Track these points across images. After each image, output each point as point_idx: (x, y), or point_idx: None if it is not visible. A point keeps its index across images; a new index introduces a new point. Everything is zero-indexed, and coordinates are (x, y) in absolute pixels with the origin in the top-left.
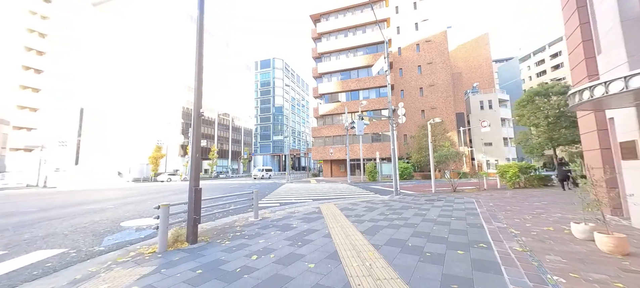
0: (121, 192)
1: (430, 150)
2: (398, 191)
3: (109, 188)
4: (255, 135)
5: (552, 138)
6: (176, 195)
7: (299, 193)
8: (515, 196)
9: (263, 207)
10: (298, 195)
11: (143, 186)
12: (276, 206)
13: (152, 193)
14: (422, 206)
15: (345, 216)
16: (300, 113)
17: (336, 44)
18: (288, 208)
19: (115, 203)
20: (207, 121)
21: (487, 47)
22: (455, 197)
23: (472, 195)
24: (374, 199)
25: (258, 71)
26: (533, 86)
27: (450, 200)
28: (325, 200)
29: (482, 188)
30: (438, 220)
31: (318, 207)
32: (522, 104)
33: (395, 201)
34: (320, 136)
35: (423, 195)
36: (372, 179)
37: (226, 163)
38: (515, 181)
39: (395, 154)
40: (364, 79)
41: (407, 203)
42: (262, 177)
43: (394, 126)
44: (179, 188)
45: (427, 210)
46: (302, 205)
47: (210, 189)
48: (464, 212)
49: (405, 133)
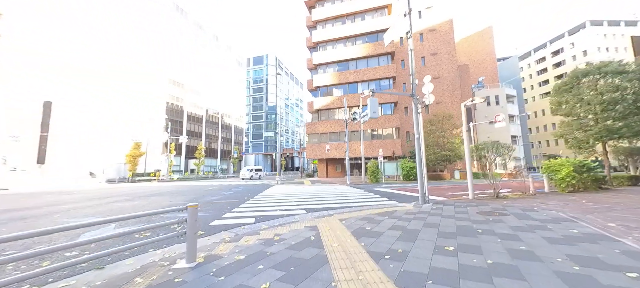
0: (80, 195)
1: (465, 142)
2: (427, 197)
3: (71, 191)
4: (246, 134)
5: (613, 128)
6: (132, 201)
7: (290, 198)
8: (598, 202)
9: (228, 225)
10: (287, 202)
11: (114, 189)
12: (249, 223)
13: (106, 198)
14: (485, 226)
15: (368, 252)
16: (294, 111)
17: (333, 32)
18: (266, 228)
19: (52, 209)
20: (195, 118)
21: (490, 41)
22: (513, 206)
23: (531, 202)
24: (396, 209)
25: (250, 67)
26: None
27: (516, 212)
28: (325, 209)
29: (529, 192)
30: (569, 267)
31: (315, 225)
32: (565, 89)
33: (432, 213)
34: (315, 132)
35: (462, 203)
36: (375, 180)
37: (215, 163)
38: (569, 183)
39: (421, 145)
40: (363, 71)
41: (458, 220)
42: (251, 177)
43: (418, 107)
44: (156, 189)
45: (510, 235)
46: (290, 220)
47: (174, 193)
48: (586, 241)
49: (408, 130)
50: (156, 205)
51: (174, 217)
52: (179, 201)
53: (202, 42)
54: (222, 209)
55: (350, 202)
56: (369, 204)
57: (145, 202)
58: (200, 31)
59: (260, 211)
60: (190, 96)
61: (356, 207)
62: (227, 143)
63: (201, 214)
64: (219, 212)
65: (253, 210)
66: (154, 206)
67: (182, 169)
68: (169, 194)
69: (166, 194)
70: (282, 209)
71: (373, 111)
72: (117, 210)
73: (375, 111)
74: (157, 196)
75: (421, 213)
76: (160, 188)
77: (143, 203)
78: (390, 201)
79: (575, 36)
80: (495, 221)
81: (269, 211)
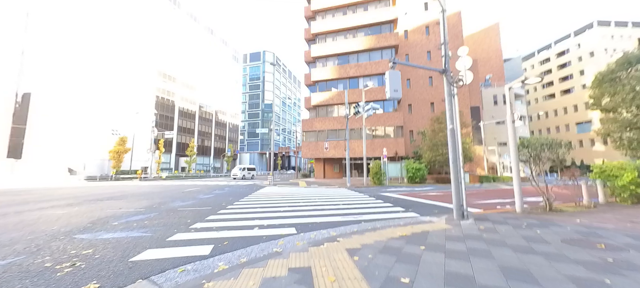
0: (39, 194)
1: (510, 137)
2: (465, 211)
3: (36, 189)
4: (242, 132)
5: None
6: (61, 209)
7: (278, 205)
8: None
9: (163, 261)
10: (274, 211)
11: (90, 187)
12: (201, 256)
13: (61, 200)
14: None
15: None
16: (291, 110)
17: (333, 23)
18: (222, 271)
19: None
20: (187, 113)
21: (497, 39)
22: (598, 226)
23: (605, 217)
24: (427, 229)
25: (247, 64)
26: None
27: (625, 240)
28: (323, 225)
29: (582, 203)
30: None
31: (307, 266)
32: (610, 79)
33: (489, 241)
34: (312, 129)
35: (515, 219)
36: (378, 182)
37: (208, 161)
38: (633, 193)
39: (457, 138)
40: (365, 64)
41: (551, 259)
42: (242, 177)
43: (454, 87)
44: (128, 190)
45: None
46: (269, 249)
47: (140, 196)
48: None
49: (412, 129)
50: (89, 215)
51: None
52: (139, 206)
53: (196, 35)
54: (179, 223)
55: (355, 213)
56: (382, 217)
57: (75, 211)
58: (194, 23)
59: (230, 229)
60: (182, 91)
61: (367, 222)
62: (221, 140)
63: (135, 235)
64: (169, 230)
65: (222, 225)
66: (80, 219)
67: (172, 167)
68: (134, 196)
69: (130, 197)
70: (264, 224)
71: (394, 88)
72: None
73: (397, 89)
74: (112, 200)
75: (471, 239)
76: (134, 188)
77: (72, 212)
78: (409, 213)
79: (582, 36)
80: (621, 262)
81: (243, 230)
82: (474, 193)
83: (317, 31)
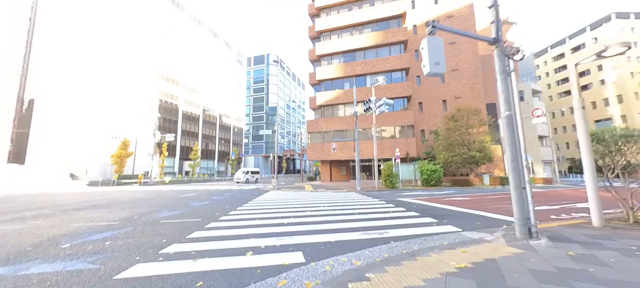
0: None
1: (580, 128)
2: (533, 227)
3: (20, 196)
4: (246, 135)
5: None
6: (32, 220)
7: (282, 215)
8: None
9: None
10: (276, 225)
11: (84, 193)
12: None
13: (33, 210)
14: None
15: None
16: (296, 113)
17: (338, 20)
18: None
19: None
20: (191, 117)
21: (509, 35)
22: None
23: None
24: (481, 251)
25: (251, 67)
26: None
27: None
28: (338, 245)
29: None
30: None
31: None
32: None
33: (591, 273)
34: (317, 130)
35: (606, 240)
36: (391, 185)
37: (212, 165)
38: None
39: (518, 130)
40: (372, 61)
41: None
42: (246, 181)
43: (509, 62)
44: (124, 196)
45: None
46: (266, 284)
47: (129, 203)
48: None
49: (423, 128)
50: (42, 233)
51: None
52: (115, 218)
53: (199, 38)
54: (148, 245)
55: (377, 226)
56: (413, 232)
57: (30, 226)
58: (197, 26)
59: (214, 256)
60: (186, 94)
61: (396, 241)
62: (226, 144)
63: (77, 267)
64: (128, 258)
65: (204, 248)
66: (24, 240)
67: (176, 171)
68: (120, 205)
69: (115, 205)
70: (261, 246)
71: (434, 61)
72: None
73: (438, 62)
74: (92, 210)
75: (570, 273)
76: (128, 194)
77: (26, 227)
78: (445, 227)
79: (599, 30)
80: None
81: (231, 258)
82: (502, 196)
83: (321, 28)
